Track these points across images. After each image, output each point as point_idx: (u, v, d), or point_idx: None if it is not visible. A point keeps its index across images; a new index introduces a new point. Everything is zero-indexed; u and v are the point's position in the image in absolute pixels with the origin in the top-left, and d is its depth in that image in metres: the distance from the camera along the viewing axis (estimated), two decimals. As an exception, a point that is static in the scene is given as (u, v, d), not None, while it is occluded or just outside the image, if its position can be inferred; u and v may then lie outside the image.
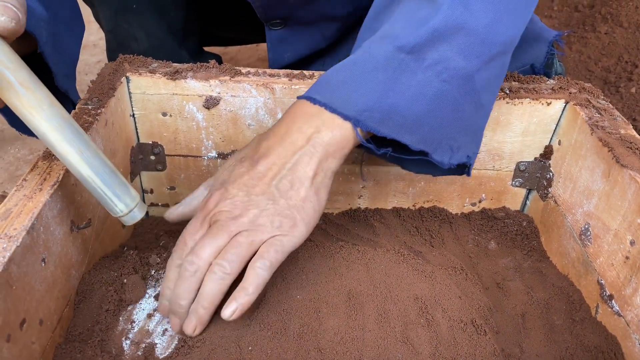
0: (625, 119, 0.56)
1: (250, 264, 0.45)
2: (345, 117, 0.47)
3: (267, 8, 0.65)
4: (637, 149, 0.51)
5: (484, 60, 0.48)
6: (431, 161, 0.50)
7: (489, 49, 0.48)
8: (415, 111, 0.47)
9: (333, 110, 0.47)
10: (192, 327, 0.46)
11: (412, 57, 0.47)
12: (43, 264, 0.43)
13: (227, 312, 0.44)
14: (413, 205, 0.68)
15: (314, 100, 0.48)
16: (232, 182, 0.47)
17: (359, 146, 0.50)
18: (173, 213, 0.53)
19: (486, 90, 0.50)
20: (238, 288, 0.44)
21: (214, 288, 0.44)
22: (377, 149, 0.49)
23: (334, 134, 0.47)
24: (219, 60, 0.89)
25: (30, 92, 0.38)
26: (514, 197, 0.68)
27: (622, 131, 0.54)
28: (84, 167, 0.41)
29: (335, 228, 0.67)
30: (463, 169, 0.52)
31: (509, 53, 0.51)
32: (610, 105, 0.59)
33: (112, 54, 0.81)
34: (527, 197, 0.68)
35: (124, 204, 0.44)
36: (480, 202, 0.68)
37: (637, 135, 0.53)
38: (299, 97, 0.50)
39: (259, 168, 0.47)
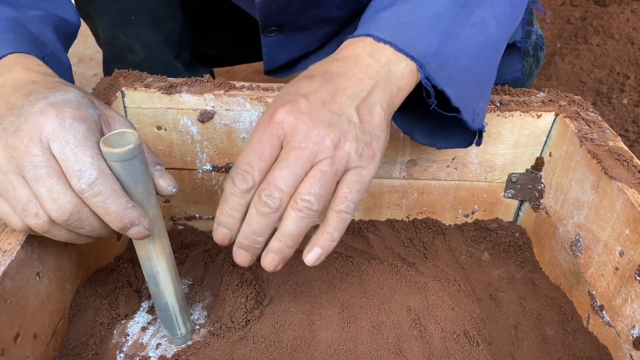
0: (613, 131, 0.57)
1: (332, 206, 0.41)
2: (412, 58, 0.44)
3: (269, 16, 0.66)
4: (625, 160, 0.51)
5: (507, 33, 0.51)
6: (448, 131, 0.51)
7: (514, 22, 0.51)
8: (462, 64, 0.47)
9: (399, 49, 0.44)
10: (275, 264, 0.43)
11: (464, 11, 0.47)
12: (37, 278, 0.43)
13: (312, 258, 0.42)
14: (407, 217, 0.69)
15: (377, 38, 0.44)
16: (304, 95, 0.41)
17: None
18: None
19: (498, 61, 0.52)
20: (320, 231, 0.42)
21: (300, 227, 0.40)
22: (433, 96, 0.46)
23: (404, 66, 0.44)
24: (212, 75, 0.90)
25: (162, 239, 0.43)
26: (507, 209, 0.68)
27: (611, 143, 0.55)
28: (172, 300, 0.46)
29: (329, 240, 0.67)
30: (474, 136, 0.52)
31: (511, 33, 0.53)
32: (599, 117, 0.60)
33: (108, 66, 0.81)
34: (519, 209, 0.68)
35: (185, 328, 0.48)
36: (473, 213, 0.69)
37: (625, 147, 0.54)
38: (353, 35, 0.47)
39: (335, 84, 0.42)
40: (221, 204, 0.42)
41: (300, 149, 0.39)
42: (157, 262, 0.43)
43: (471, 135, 0.52)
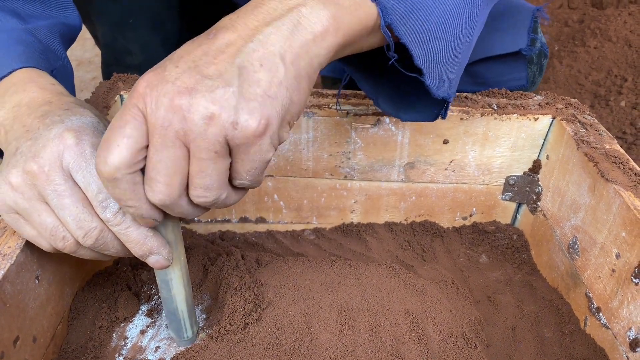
0: (610, 134, 0.57)
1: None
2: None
3: None
4: (621, 163, 0.52)
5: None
6: (412, 101, 0.46)
7: None
8: (431, 20, 0.41)
9: None
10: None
11: None
12: (37, 282, 0.44)
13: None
14: (405, 220, 0.69)
15: None
16: (176, 58, 0.34)
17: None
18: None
19: (477, 30, 0.47)
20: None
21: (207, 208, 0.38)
22: (393, 49, 0.41)
23: (350, 10, 0.37)
24: None
25: (179, 247, 0.43)
26: (505, 211, 0.69)
27: (607, 146, 0.55)
28: (182, 305, 0.46)
29: (328, 243, 0.67)
30: (440, 107, 0.47)
31: (491, 5, 0.50)
32: (596, 120, 0.60)
33: (107, 69, 0.82)
34: (517, 211, 0.69)
35: (192, 331, 0.49)
36: (471, 216, 0.69)
37: (621, 150, 0.55)
38: None
39: (218, 41, 0.34)
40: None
41: (163, 127, 0.32)
42: (172, 270, 0.43)
43: (437, 106, 0.47)
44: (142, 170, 0.35)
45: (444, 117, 0.47)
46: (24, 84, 0.44)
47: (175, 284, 0.44)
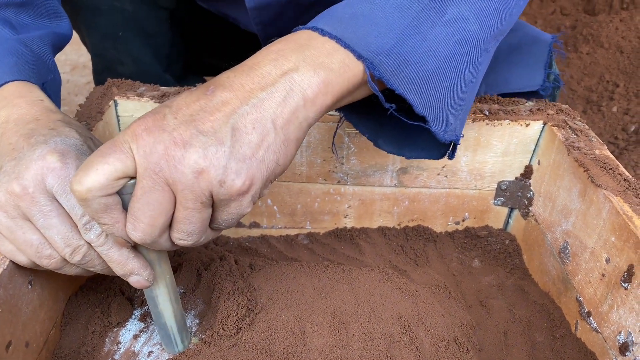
0: (600, 140, 0.58)
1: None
2: (359, 57, 0.39)
3: (266, 25, 0.66)
4: (610, 169, 0.52)
5: (493, 33, 0.45)
6: (417, 140, 0.46)
7: (499, 23, 0.45)
8: (426, 68, 0.41)
9: (346, 45, 0.39)
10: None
11: (434, 7, 0.42)
12: (30, 287, 0.44)
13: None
14: (398, 225, 0.69)
15: (322, 32, 0.39)
16: (175, 109, 0.36)
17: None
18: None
19: (482, 68, 0.47)
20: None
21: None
22: (384, 101, 0.41)
23: (340, 72, 0.39)
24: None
25: (163, 264, 0.43)
26: (497, 216, 0.69)
27: (597, 152, 0.56)
28: (170, 321, 0.47)
29: (321, 247, 0.68)
30: (447, 149, 0.47)
31: (503, 35, 0.49)
32: (586, 126, 0.61)
33: (98, 76, 0.82)
34: (509, 216, 0.69)
35: (183, 345, 0.49)
36: (463, 220, 0.69)
37: (611, 156, 0.55)
38: (299, 28, 0.41)
39: (215, 98, 0.36)
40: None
41: (155, 172, 0.34)
42: (157, 286, 0.44)
43: (444, 146, 0.47)
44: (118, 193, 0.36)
45: (451, 158, 0.47)
46: (13, 99, 0.45)
47: (161, 300, 0.45)
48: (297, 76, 0.37)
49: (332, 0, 0.65)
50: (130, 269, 0.41)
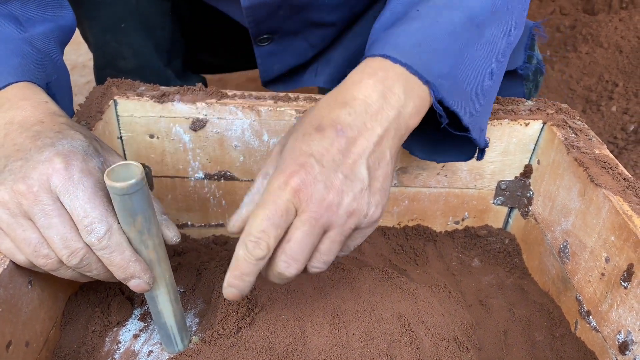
0: (599, 139, 0.58)
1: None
2: (425, 82, 0.45)
3: (259, 22, 0.66)
4: (610, 168, 0.52)
5: (512, 46, 0.52)
6: (449, 147, 0.52)
7: (517, 37, 0.52)
8: (472, 85, 0.48)
9: (415, 72, 0.44)
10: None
11: (477, 31, 0.48)
12: (30, 286, 0.44)
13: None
14: (398, 224, 0.70)
15: (394, 60, 0.44)
16: (317, 157, 0.40)
17: None
18: (237, 221, 0.45)
19: (502, 75, 0.53)
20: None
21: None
22: (445, 117, 0.47)
23: (415, 103, 0.44)
24: (204, 83, 0.91)
25: (163, 264, 0.43)
26: (497, 215, 0.69)
27: (597, 151, 0.56)
28: (170, 320, 0.47)
29: (321, 247, 0.67)
30: (474, 152, 0.53)
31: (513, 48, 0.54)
32: (586, 125, 0.61)
33: (99, 72, 0.82)
34: (509, 215, 0.69)
35: (183, 344, 0.49)
36: (463, 220, 0.69)
37: (610, 155, 0.55)
38: (371, 54, 0.46)
39: (347, 139, 0.41)
40: (234, 267, 0.41)
41: (315, 219, 0.39)
42: (156, 286, 0.44)
43: (472, 149, 0.53)
44: None
45: (479, 159, 0.53)
46: (17, 101, 0.45)
47: (161, 300, 0.45)
48: (405, 112, 0.44)
49: (322, 3, 0.65)
50: (132, 273, 0.41)
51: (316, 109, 0.44)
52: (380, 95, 0.43)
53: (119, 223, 0.40)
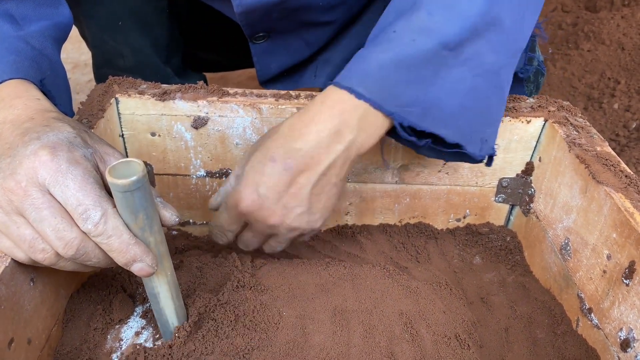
0: (601, 136, 0.58)
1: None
2: (389, 113, 0.48)
3: (253, 23, 0.66)
4: (612, 165, 0.52)
5: (509, 55, 0.51)
6: (452, 152, 0.52)
7: (515, 45, 0.51)
8: (451, 105, 0.49)
9: (378, 106, 0.47)
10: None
11: (452, 54, 0.48)
12: (32, 284, 0.44)
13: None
14: (399, 222, 0.70)
15: (358, 95, 0.48)
16: (266, 188, 0.49)
17: (391, 135, 0.52)
18: (212, 205, 0.57)
19: (508, 84, 0.53)
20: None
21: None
22: (418, 141, 0.50)
23: (370, 132, 0.49)
24: (205, 81, 0.91)
25: (164, 261, 0.43)
26: (498, 213, 0.69)
27: (599, 148, 0.56)
28: (172, 317, 0.47)
29: (322, 244, 0.68)
30: (488, 159, 0.55)
31: (522, 50, 0.54)
32: (587, 122, 0.61)
33: (98, 70, 0.82)
34: (510, 213, 0.69)
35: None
36: (464, 217, 0.69)
37: (612, 152, 0.55)
38: (337, 83, 0.49)
39: (294, 171, 0.48)
40: (211, 234, 0.57)
41: (260, 233, 0.53)
42: (158, 283, 0.44)
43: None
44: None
45: (488, 165, 0.55)
46: (10, 100, 0.45)
47: (162, 297, 0.45)
48: (356, 143, 0.49)
49: (315, 5, 0.65)
50: (133, 256, 0.40)
51: (276, 135, 0.50)
52: (333, 132, 0.48)
53: (114, 207, 0.39)
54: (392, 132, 0.51)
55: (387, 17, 0.52)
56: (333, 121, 0.48)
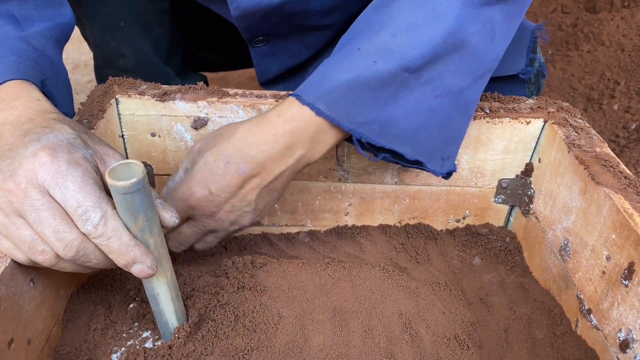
0: (600, 138, 0.58)
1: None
2: (348, 130, 0.50)
3: (251, 28, 0.67)
4: (611, 166, 0.52)
5: (475, 77, 0.52)
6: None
7: (479, 68, 0.52)
8: (411, 124, 0.50)
9: (337, 123, 0.49)
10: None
11: (413, 76, 0.49)
12: (32, 284, 0.44)
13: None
14: (399, 222, 0.70)
15: (318, 112, 0.49)
16: (219, 188, 0.51)
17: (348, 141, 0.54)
18: (162, 195, 0.57)
19: (474, 103, 0.54)
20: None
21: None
22: (375, 156, 0.53)
23: (322, 147, 0.52)
24: (205, 81, 0.91)
25: (164, 262, 0.43)
26: (497, 214, 0.69)
27: (598, 149, 0.56)
28: (172, 318, 0.47)
29: (322, 245, 0.68)
30: (447, 173, 0.57)
31: (493, 70, 0.54)
32: (587, 123, 0.61)
33: (99, 70, 0.82)
34: (510, 214, 0.69)
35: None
36: (464, 218, 0.69)
37: (611, 154, 0.55)
38: (298, 97, 0.50)
39: (246, 176, 0.51)
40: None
41: (204, 226, 0.54)
42: (158, 284, 0.44)
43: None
44: None
45: (446, 179, 0.57)
46: (10, 101, 0.45)
47: (162, 299, 0.45)
48: (306, 156, 0.52)
49: (314, 10, 0.66)
50: (132, 258, 0.40)
51: (232, 138, 0.51)
52: (285, 147, 0.50)
53: (114, 208, 0.39)
54: (349, 139, 0.53)
55: (356, 26, 0.54)
56: (286, 137, 0.50)
